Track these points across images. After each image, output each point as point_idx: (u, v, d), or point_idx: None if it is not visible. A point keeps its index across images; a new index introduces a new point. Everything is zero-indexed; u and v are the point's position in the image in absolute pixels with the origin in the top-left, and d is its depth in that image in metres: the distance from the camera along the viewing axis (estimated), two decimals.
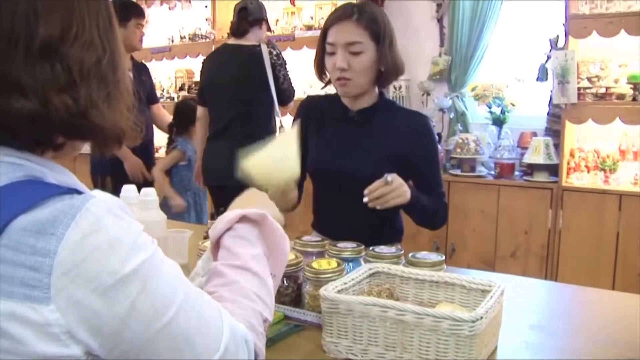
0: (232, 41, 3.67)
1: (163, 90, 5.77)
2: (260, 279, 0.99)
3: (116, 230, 0.76)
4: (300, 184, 2.11)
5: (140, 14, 3.77)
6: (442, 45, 4.50)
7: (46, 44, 0.77)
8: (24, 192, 0.75)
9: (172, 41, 5.63)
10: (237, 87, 3.49)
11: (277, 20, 5.00)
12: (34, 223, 0.72)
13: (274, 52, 3.54)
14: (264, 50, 3.50)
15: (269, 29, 3.86)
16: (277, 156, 1.70)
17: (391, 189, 1.81)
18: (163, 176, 3.82)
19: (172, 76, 5.78)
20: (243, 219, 1.05)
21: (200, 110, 3.72)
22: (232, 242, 1.03)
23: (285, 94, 3.62)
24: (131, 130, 0.89)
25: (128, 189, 1.97)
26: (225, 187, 2.36)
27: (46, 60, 0.77)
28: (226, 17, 5.22)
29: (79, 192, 0.78)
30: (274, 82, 3.52)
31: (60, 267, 0.71)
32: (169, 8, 5.58)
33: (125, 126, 0.88)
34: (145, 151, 3.73)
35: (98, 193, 0.80)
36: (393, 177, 1.81)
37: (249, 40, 3.55)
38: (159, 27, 5.84)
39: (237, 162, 1.55)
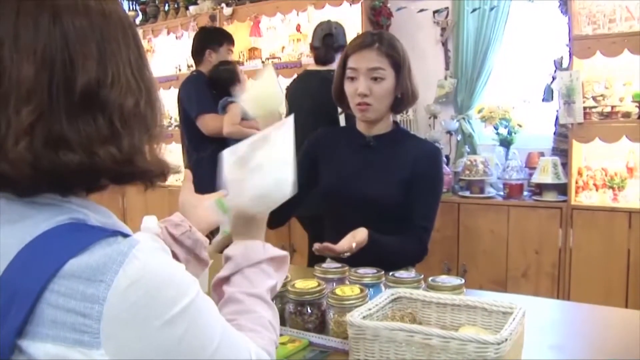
0: (312, 67, 3.57)
1: (171, 118, 5.82)
2: (273, 310, 1.04)
3: (162, 274, 0.78)
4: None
5: (231, 41, 4.04)
6: (447, 68, 4.55)
7: (85, 93, 0.77)
8: (71, 237, 0.77)
9: (180, 70, 5.68)
10: (312, 114, 3.23)
11: (284, 48, 5.06)
12: (83, 269, 0.73)
13: None
14: None
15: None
16: (265, 90, 1.87)
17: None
18: None
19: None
20: (271, 259, 1.10)
21: None
22: (252, 272, 1.06)
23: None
24: (173, 163, 0.91)
25: (148, 220, 1.99)
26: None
27: (88, 112, 0.78)
28: None
29: (123, 235, 0.80)
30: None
31: (110, 313, 0.73)
32: (176, 37, 5.64)
33: (167, 161, 0.89)
34: None
35: (141, 236, 0.81)
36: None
37: (333, 66, 3.31)
38: (166, 56, 5.90)
39: None
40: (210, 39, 4.07)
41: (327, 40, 3.47)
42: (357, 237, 1.86)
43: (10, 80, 0.75)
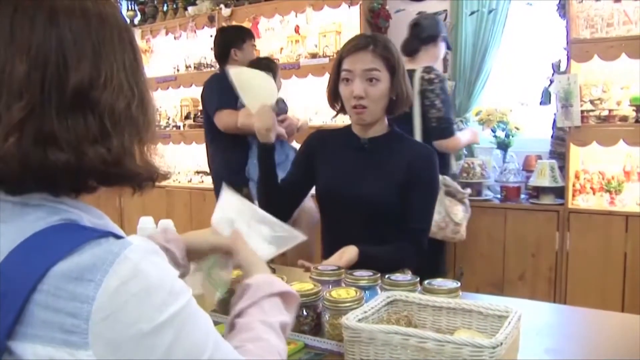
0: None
1: (169, 119, 5.82)
2: (284, 343, 1.01)
3: (153, 277, 0.77)
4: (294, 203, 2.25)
5: (252, 36, 4.03)
6: (445, 70, 4.53)
7: (77, 92, 0.77)
8: (62, 238, 0.76)
9: (178, 70, 5.68)
10: None
11: (282, 49, 5.06)
12: (72, 269, 0.73)
13: (426, 77, 3.21)
14: (417, 75, 3.21)
15: (449, 47, 3.62)
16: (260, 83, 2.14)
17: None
18: None
19: (178, 105, 5.82)
20: (284, 294, 1.10)
21: None
22: (268, 304, 1.06)
23: (432, 123, 3.19)
24: (164, 169, 0.90)
25: (145, 221, 2.00)
26: None
27: (79, 111, 0.78)
28: None
29: (115, 236, 0.79)
30: (420, 110, 3.20)
31: (99, 313, 0.72)
32: (174, 38, 5.64)
33: (157, 166, 0.89)
34: None
35: (135, 238, 0.81)
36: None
37: (420, 60, 3.35)
38: (164, 56, 5.90)
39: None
40: (233, 38, 3.97)
41: (414, 31, 3.41)
42: (345, 257, 1.86)
43: (2, 75, 0.75)
